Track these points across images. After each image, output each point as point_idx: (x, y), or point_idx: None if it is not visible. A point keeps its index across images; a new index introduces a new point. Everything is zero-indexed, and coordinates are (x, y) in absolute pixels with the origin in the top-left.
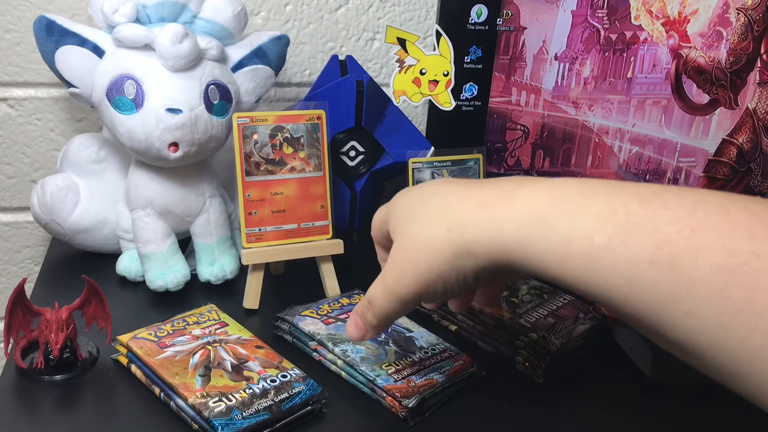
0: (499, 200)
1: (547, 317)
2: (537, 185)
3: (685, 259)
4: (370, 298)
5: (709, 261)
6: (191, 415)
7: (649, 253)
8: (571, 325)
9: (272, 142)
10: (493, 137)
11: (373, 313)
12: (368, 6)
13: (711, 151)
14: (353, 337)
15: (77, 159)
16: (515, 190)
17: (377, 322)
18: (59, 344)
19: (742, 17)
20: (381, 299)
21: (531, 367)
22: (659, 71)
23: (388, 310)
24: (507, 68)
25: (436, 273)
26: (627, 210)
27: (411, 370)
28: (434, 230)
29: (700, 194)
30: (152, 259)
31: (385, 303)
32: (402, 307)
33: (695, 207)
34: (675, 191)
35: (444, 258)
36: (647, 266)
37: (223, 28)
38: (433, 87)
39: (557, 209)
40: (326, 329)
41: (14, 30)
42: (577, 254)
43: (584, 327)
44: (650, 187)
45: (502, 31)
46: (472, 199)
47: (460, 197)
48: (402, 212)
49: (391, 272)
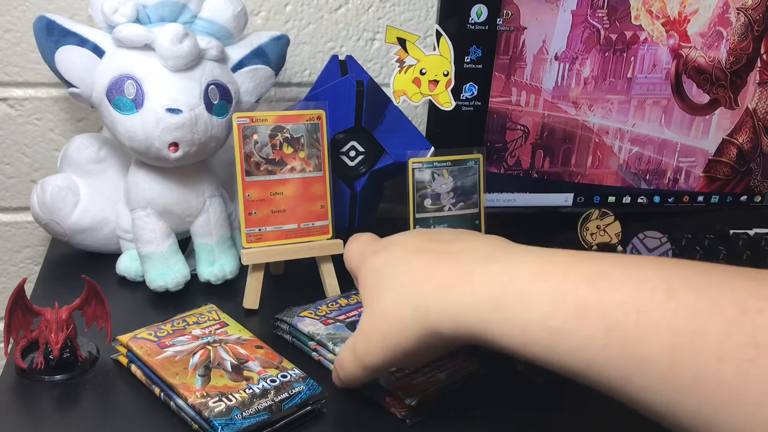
0: (459, 281)
1: None
2: (494, 265)
3: (635, 340)
4: (340, 362)
5: (656, 342)
6: (191, 415)
7: (601, 336)
8: None
9: (272, 142)
10: (493, 137)
11: (342, 375)
12: (368, 6)
13: (711, 151)
14: (336, 384)
15: (77, 159)
16: (472, 273)
17: (348, 383)
18: (59, 344)
19: (742, 17)
20: (350, 366)
21: (531, 367)
22: (659, 71)
23: (355, 376)
24: (507, 68)
25: (406, 348)
26: (577, 293)
27: (412, 368)
28: (402, 308)
29: (645, 269)
30: (152, 259)
31: (353, 370)
32: (369, 375)
33: (640, 286)
34: (622, 268)
35: (414, 337)
36: (601, 348)
37: (223, 28)
38: (433, 87)
39: (512, 295)
40: (326, 329)
41: (14, 30)
42: (535, 339)
43: None
44: (600, 263)
45: (502, 31)
46: (434, 277)
47: (423, 274)
48: (371, 279)
49: (361, 344)
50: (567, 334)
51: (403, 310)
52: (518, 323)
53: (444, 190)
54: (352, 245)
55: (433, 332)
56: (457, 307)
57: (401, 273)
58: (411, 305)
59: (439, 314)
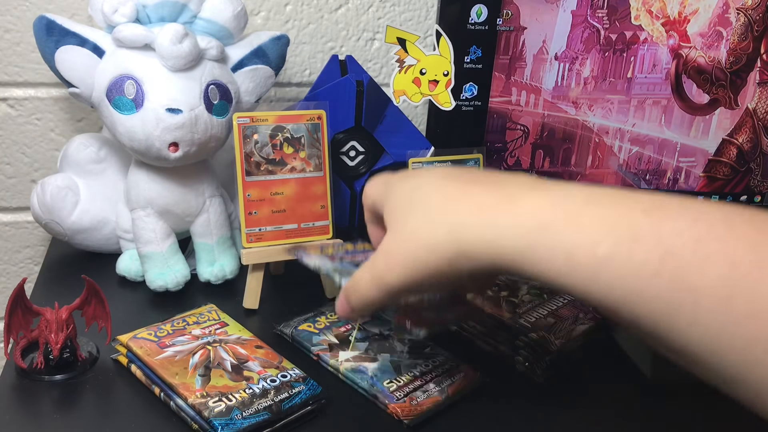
0: (501, 204)
1: (547, 317)
2: (539, 191)
3: (689, 269)
4: (355, 283)
5: (713, 272)
6: (191, 415)
7: (653, 264)
8: (571, 325)
9: (272, 142)
10: (493, 137)
11: (357, 297)
12: (368, 6)
13: (711, 151)
14: (339, 315)
15: (77, 159)
16: (517, 196)
17: (360, 307)
18: (59, 344)
19: (742, 17)
20: (367, 285)
21: (531, 367)
22: (659, 71)
23: (372, 298)
24: (507, 68)
25: (432, 270)
26: (631, 220)
27: (413, 386)
28: (433, 229)
29: (702, 205)
30: (152, 259)
31: (371, 290)
32: (386, 297)
33: (698, 218)
34: (678, 202)
35: (442, 258)
36: (651, 277)
37: (223, 28)
38: (433, 87)
39: (560, 218)
40: (333, 264)
41: (14, 30)
42: (581, 264)
43: (584, 327)
44: (654, 196)
45: (502, 31)
46: (473, 200)
47: (460, 196)
48: (399, 203)
49: (382, 262)
50: (616, 261)
51: (436, 229)
52: (564, 246)
53: None
54: (375, 179)
55: (466, 254)
56: (496, 229)
57: (435, 195)
58: (445, 225)
59: (475, 237)
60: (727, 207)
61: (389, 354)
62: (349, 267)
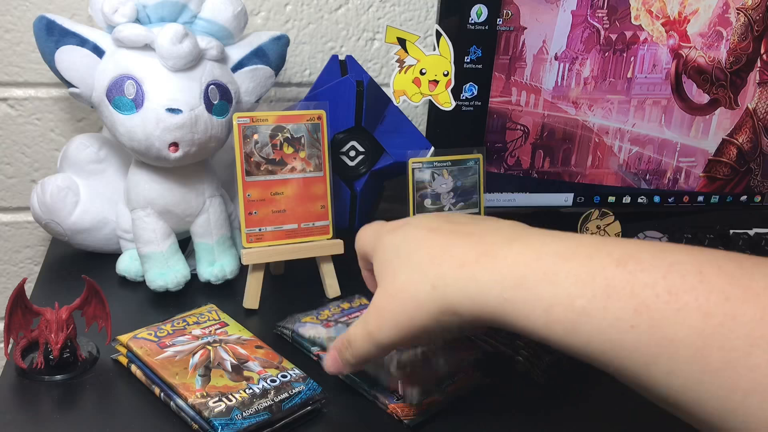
0: (481, 259)
1: None
2: (518, 243)
3: (664, 322)
4: (349, 339)
5: (687, 324)
6: (191, 415)
7: (629, 318)
8: None
9: (273, 142)
10: (493, 137)
11: (351, 353)
12: (368, 6)
13: (711, 151)
14: (329, 371)
15: (77, 159)
16: (497, 250)
17: (354, 362)
18: (59, 344)
19: (742, 17)
20: (360, 342)
21: (531, 367)
22: (659, 71)
23: (365, 353)
24: (507, 68)
25: (419, 327)
26: (605, 273)
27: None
28: (418, 285)
29: (674, 254)
30: (152, 259)
31: (364, 346)
32: (379, 352)
33: (671, 268)
34: (650, 251)
35: (428, 314)
36: (628, 330)
37: (223, 28)
38: (433, 87)
39: (538, 273)
40: (327, 332)
41: (14, 30)
42: (559, 320)
43: None
44: (627, 245)
45: (502, 31)
46: (454, 254)
47: (442, 252)
48: (387, 257)
49: (373, 319)
50: (593, 314)
51: (420, 286)
52: (542, 302)
53: (444, 190)
54: (366, 229)
55: (450, 310)
56: (477, 285)
57: (419, 250)
58: (429, 282)
59: (458, 292)
60: (700, 255)
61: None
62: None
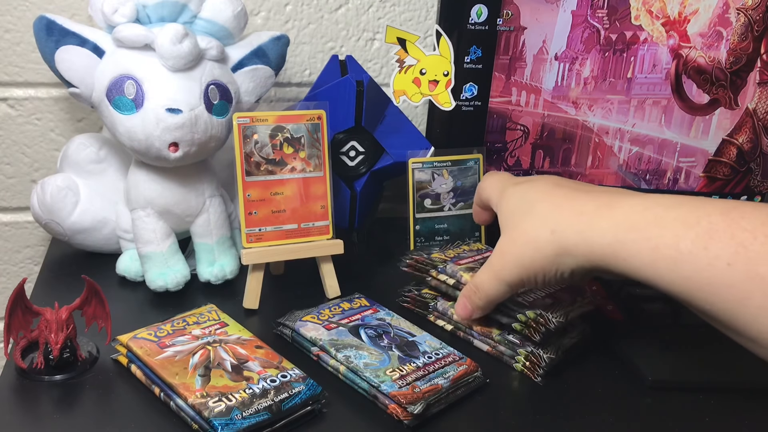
0: (600, 210)
1: (545, 298)
2: (633, 198)
3: (760, 261)
4: (477, 284)
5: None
6: (191, 415)
7: (727, 256)
8: (568, 307)
9: (272, 142)
10: (493, 137)
11: (480, 296)
12: (368, 6)
13: (711, 151)
14: (461, 316)
15: (77, 159)
16: (613, 203)
17: (483, 304)
18: (59, 344)
19: (742, 17)
20: (488, 284)
21: (531, 368)
22: (659, 71)
23: (494, 293)
24: (507, 68)
25: (538, 267)
26: (709, 219)
27: (415, 376)
28: (539, 230)
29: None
30: (152, 259)
31: (492, 286)
32: (507, 290)
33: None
34: (752, 206)
35: (546, 256)
36: (725, 267)
37: (223, 28)
38: (433, 87)
39: (648, 218)
40: (328, 335)
41: (14, 30)
42: (664, 258)
43: (582, 310)
44: (730, 201)
45: (502, 31)
46: (574, 206)
47: (564, 203)
48: (512, 207)
49: (498, 261)
50: (695, 253)
51: (541, 231)
52: (650, 242)
53: (444, 190)
54: (492, 178)
55: (566, 252)
56: (593, 231)
57: (543, 201)
58: (549, 228)
59: (576, 236)
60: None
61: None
62: (345, 335)
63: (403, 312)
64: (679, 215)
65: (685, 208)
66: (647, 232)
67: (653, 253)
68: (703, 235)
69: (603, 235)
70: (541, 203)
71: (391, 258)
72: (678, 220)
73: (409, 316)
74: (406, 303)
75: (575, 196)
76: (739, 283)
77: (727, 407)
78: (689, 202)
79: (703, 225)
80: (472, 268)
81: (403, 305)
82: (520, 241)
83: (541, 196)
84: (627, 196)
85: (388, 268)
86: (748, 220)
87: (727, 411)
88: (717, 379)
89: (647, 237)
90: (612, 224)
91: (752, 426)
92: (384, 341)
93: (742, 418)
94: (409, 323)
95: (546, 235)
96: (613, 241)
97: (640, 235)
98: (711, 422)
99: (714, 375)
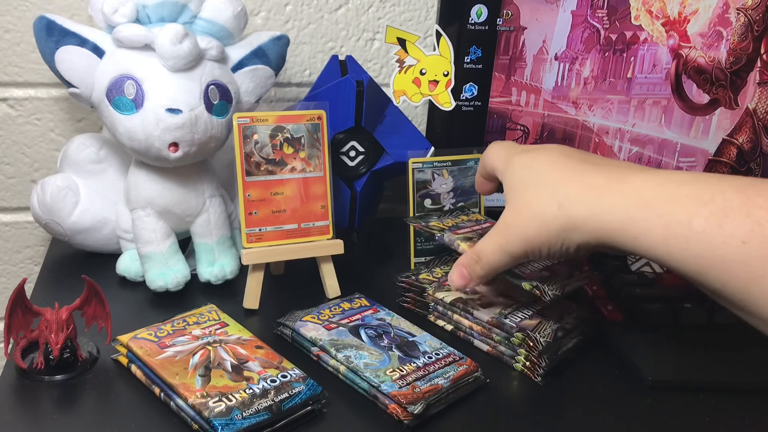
0: (610, 184)
1: (542, 271)
2: (644, 173)
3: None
4: (479, 253)
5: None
6: (191, 415)
7: (742, 234)
8: (565, 280)
9: (273, 142)
10: (493, 137)
11: (482, 265)
12: (368, 6)
13: (711, 151)
14: (456, 285)
15: (77, 159)
16: (625, 177)
17: (484, 273)
18: (59, 344)
19: (742, 17)
20: (491, 254)
21: (530, 367)
22: (659, 71)
23: (496, 263)
24: (507, 68)
25: (543, 241)
26: (723, 196)
27: (415, 376)
28: (546, 203)
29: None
30: (152, 259)
31: (495, 257)
32: (510, 262)
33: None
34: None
35: (552, 230)
36: (740, 245)
37: (223, 28)
38: (433, 87)
39: (661, 194)
40: (328, 335)
41: (14, 30)
42: (676, 236)
43: (579, 284)
44: (746, 178)
45: (502, 31)
46: (584, 180)
47: (572, 175)
48: (517, 176)
49: (503, 233)
50: (708, 231)
51: (547, 205)
52: (662, 219)
53: (444, 190)
54: (497, 146)
55: (573, 227)
56: (603, 206)
57: (551, 171)
58: (556, 201)
59: (584, 212)
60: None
61: (389, 349)
62: (345, 336)
63: (403, 312)
64: (692, 192)
65: (698, 185)
66: (659, 210)
67: (665, 231)
68: (717, 213)
69: (613, 212)
70: (548, 174)
71: (391, 258)
72: (691, 197)
73: (409, 316)
74: (406, 303)
75: (584, 168)
76: (753, 260)
77: (727, 407)
78: (703, 178)
79: (717, 202)
80: (470, 237)
81: (403, 305)
82: (526, 214)
83: (548, 167)
84: (638, 171)
85: (388, 268)
86: (764, 197)
87: (727, 411)
88: (717, 379)
89: (659, 215)
90: (622, 200)
91: (752, 426)
92: (384, 341)
93: (742, 418)
94: (409, 323)
95: (553, 210)
96: (623, 218)
97: (652, 213)
98: (711, 422)
99: (714, 375)
